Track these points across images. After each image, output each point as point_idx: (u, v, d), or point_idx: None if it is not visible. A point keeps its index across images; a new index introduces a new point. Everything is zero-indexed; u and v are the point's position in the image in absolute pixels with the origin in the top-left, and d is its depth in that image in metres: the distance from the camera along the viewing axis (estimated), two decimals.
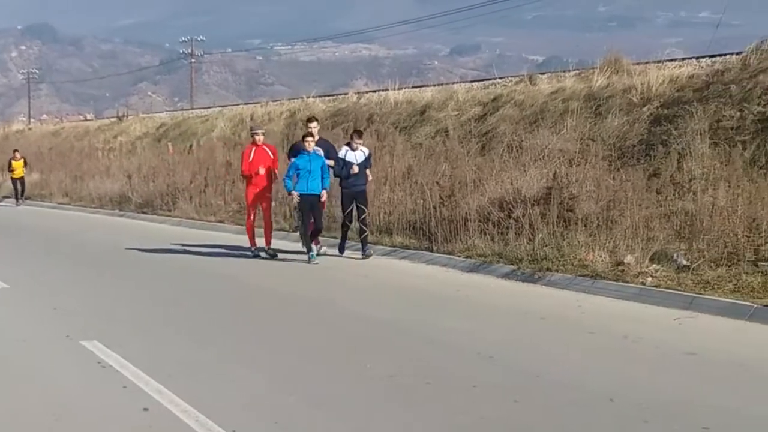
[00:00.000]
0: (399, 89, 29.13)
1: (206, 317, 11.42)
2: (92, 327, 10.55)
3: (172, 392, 7.69)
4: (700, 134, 16.11)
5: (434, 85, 29.56)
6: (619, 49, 23.23)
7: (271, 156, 17.22)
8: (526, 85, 24.33)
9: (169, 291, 13.64)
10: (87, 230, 24.34)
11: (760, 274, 11.46)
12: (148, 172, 31.27)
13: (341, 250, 16.61)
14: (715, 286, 11.35)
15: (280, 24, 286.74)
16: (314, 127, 16.52)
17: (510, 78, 27.01)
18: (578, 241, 13.79)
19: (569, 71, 24.25)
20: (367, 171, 16.34)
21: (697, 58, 22.39)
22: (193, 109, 51.15)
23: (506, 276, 13.63)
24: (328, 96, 34.23)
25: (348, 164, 15.96)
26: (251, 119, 32.66)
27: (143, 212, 28.56)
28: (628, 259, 12.69)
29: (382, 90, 30.30)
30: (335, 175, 16.20)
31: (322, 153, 16.15)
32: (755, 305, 10.34)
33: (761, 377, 7.97)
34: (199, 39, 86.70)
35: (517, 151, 18.15)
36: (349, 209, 16.14)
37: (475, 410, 7.16)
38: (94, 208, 32.43)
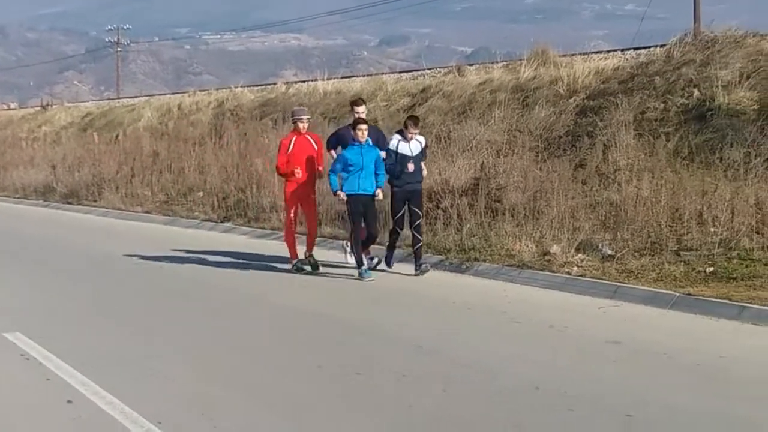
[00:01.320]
0: (328, 79, 29.10)
1: (136, 310, 11.31)
2: (15, 319, 10.39)
3: (97, 384, 7.61)
4: (625, 126, 16.32)
5: (363, 76, 29.55)
6: (547, 41, 23.45)
7: (315, 147, 13.96)
8: (455, 76, 24.44)
9: (97, 283, 13.48)
10: (10, 221, 23.93)
11: (682, 263, 11.66)
12: (73, 162, 30.87)
13: (389, 262, 13.73)
14: (639, 276, 11.53)
15: (208, 13, 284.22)
16: (363, 112, 13.61)
17: (439, 69, 27.13)
18: (505, 231, 13.91)
19: (497, 63, 24.40)
20: (423, 165, 13.65)
21: (622, 50, 22.70)
22: (119, 98, 50.58)
23: (434, 266, 13.68)
24: (257, 86, 34.05)
25: (402, 158, 13.22)
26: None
27: (68, 202, 28.18)
28: (554, 248, 12.83)
29: (311, 80, 30.26)
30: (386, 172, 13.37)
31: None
32: (677, 294, 10.52)
33: (683, 365, 8.11)
34: (125, 27, 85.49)
35: (445, 141, 18.24)
36: (401, 212, 13.36)
37: (403, 400, 7.19)
38: (18, 198, 31.90)
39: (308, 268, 13.78)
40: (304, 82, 31.17)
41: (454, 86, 22.83)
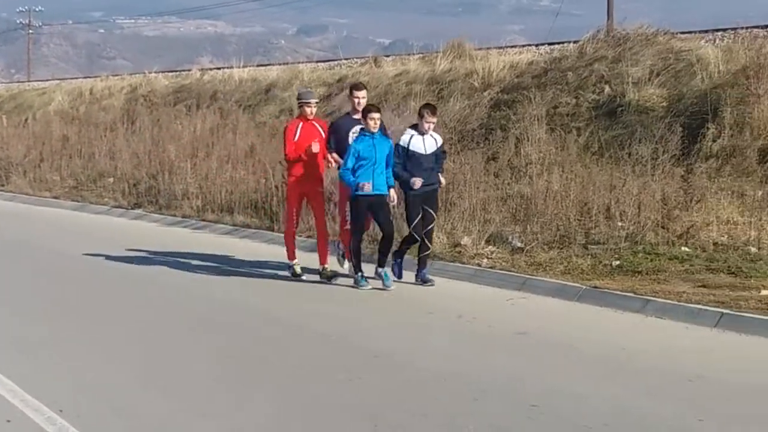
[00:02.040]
0: (244, 67, 28.97)
1: (40, 297, 11.12)
2: None
3: None
4: (538, 120, 16.51)
5: (280, 64, 29.47)
6: (463, 35, 23.61)
7: (323, 134, 12.00)
8: (371, 67, 24.50)
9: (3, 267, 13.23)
10: None
11: (589, 256, 11.84)
12: None
13: (399, 272, 11.85)
14: (547, 268, 11.67)
15: None
16: (363, 97, 11.82)
17: (356, 59, 27.16)
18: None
19: (414, 55, 24.53)
20: (441, 176, 11.82)
21: (536, 45, 22.98)
22: (30, 81, 49.57)
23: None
24: (172, 72, 33.69)
25: (413, 156, 11.37)
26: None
27: None
28: (465, 240, 12.92)
29: (227, 67, 30.06)
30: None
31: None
32: (584, 286, 10.68)
33: (588, 357, 8.24)
34: (37, 9, 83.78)
35: None
36: (419, 217, 11.46)
37: (309, 389, 7.19)
38: None
39: (298, 271, 12.10)
40: (219, 69, 30.95)
41: (371, 77, 22.85)
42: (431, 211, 11.61)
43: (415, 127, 11.54)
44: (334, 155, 11.71)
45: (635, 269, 11.15)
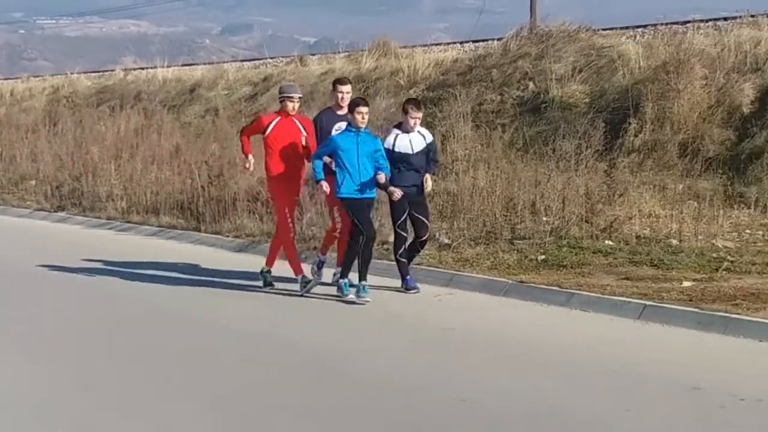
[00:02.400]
0: (168, 67, 28.75)
1: None
2: None
3: None
4: (463, 117, 16.62)
5: (205, 64, 29.31)
6: (388, 33, 23.68)
7: (303, 131, 10.97)
8: (297, 65, 24.47)
9: None
10: None
11: (515, 251, 11.96)
12: None
13: (408, 283, 10.85)
14: (474, 264, 11.75)
15: None
16: (347, 92, 11.00)
17: (281, 58, 27.11)
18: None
19: (339, 53, 24.56)
20: (429, 177, 10.83)
21: (461, 42, 23.14)
22: None
23: None
24: (94, 72, 33.25)
25: (400, 158, 10.57)
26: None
27: None
28: (392, 238, 12.94)
29: (151, 67, 29.80)
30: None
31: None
32: (510, 281, 10.78)
33: (514, 351, 8.32)
34: None
35: None
36: (405, 214, 10.70)
37: (233, 385, 7.16)
38: None
39: (306, 282, 10.93)
40: (143, 69, 30.65)
41: (296, 76, 22.81)
42: (422, 218, 10.74)
43: (399, 126, 10.79)
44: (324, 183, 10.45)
45: (560, 263, 11.29)
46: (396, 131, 10.72)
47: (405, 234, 10.77)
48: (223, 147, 18.54)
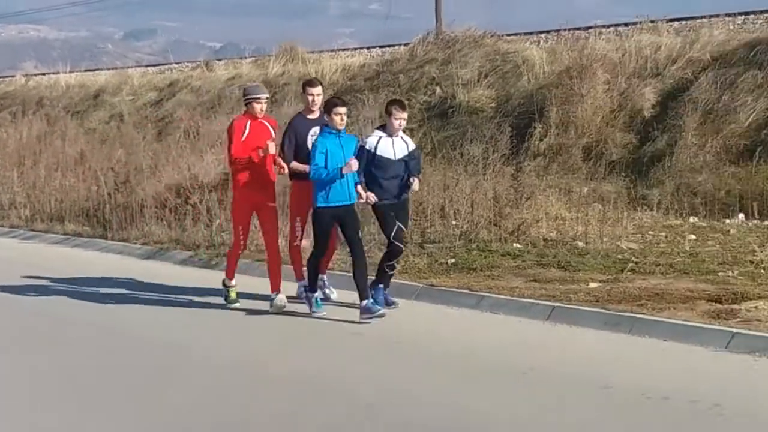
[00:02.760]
0: (71, 72, 28.34)
1: None
2: None
3: None
4: (371, 122, 16.66)
5: (108, 69, 28.97)
6: (295, 38, 23.70)
7: (274, 136, 10.27)
8: (203, 71, 24.35)
9: None
10: None
11: (425, 255, 12.04)
12: None
13: (387, 299, 10.15)
14: None
15: None
16: (318, 94, 10.33)
17: (187, 64, 26.92)
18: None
19: (246, 58, 24.49)
20: (413, 180, 9.88)
21: (368, 48, 23.27)
22: None
23: (183, 262, 13.54)
24: None
25: (379, 162, 9.73)
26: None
27: None
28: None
29: (53, 73, 29.35)
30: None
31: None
32: (421, 285, 10.85)
33: (424, 354, 8.37)
34: None
35: (194, 136, 18.07)
36: (395, 227, 9.87)
37: (152, 395, 7.10)
38: None
39: (234, 296, 10.49)
40: (45, 74, 30.17)
41: (203, 81, 22.71)
42: (401, 225, 9.98)
43: (383, 128, 9.97)
44: (294, 163, 10.05)
45: (470, 266, 11.40)
46: (379, 133, 9.87)
47: (401, 245, 9.98)
48: (129, 153, 18.34)
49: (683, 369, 7.58)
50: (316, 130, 9.99)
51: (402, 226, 9.98)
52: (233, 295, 10.54)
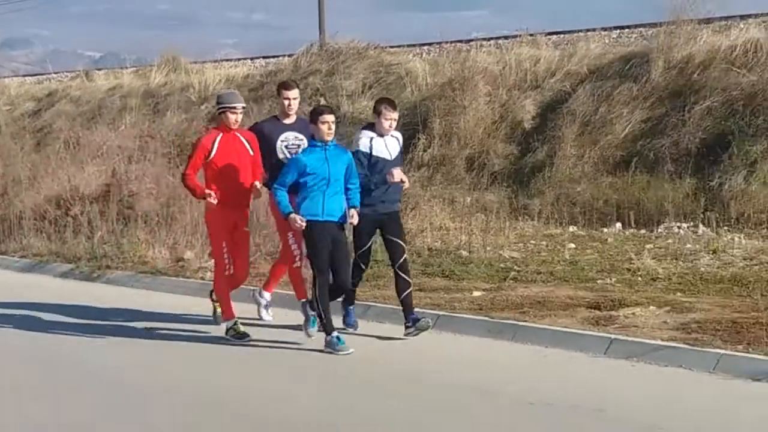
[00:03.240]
0: None
1: None
2: None
3: None
4: None
5: None
6: (177, 48, 23.50)
7: (251, 151, 9.21)
8: (83, 80, 23.95)
9: None
10: None
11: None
12: None
13: (350, 321, 9.53)
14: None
15: None
16: (294, 98, 9.50)
17: (66, 73, 26.43)
18: (138, 238, 13.76)
19: (127, 68, 24.17)
20: (401, 174, 9.03)
21: (251, 59, 23.20)
22: None
23: (64, 275, 13.31)
24: None
25: (378, 163, 8.95)
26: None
27: None
28: (188, 255, 12.88)
29: None
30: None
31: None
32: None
33: (308, 364, 8.39)
34: None
35: (74, 147, 17.76)
36: (369, 244, 9.25)
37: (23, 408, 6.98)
38: None
39: (242, 329, 9.26)
40: None
41: (83, 91, 22.34)
42: (398, 241, 9.14)
43: (370, 127, 9.17)
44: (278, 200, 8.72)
45: None
46: (369, 133, 9.04)
47: (364, 266, 9.33)
48: (6, 164, 17.91)
49: (565, 375, 7.78)
50: (288, 136, 9.35)
51: (400, 242, 9.14)
52: (241, 328, 9.26)
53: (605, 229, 13.32)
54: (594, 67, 16.38)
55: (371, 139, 9.00)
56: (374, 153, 8.93)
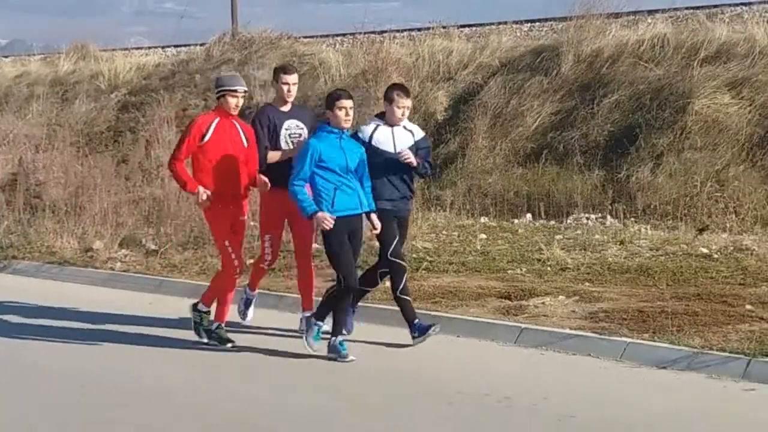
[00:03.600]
0: None
1: None
2: None
3: None
4: (167, 122, 16.50)
5: None
6: (86, 35, 23.12)
7: (245, 141, 8.46)
8: None
9: None
10: None
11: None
12: None
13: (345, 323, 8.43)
14: (183, 269, 11.72)
15: None
16: (294, 83, 8.73)
17: None
18: (46, 228, 13.55)
19: (35, 55, 23.72)
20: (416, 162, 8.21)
21: (163, 47, 22.94)
22: None
23: None
24: None
25: (377, 156, 8.11)
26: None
27: None
28: (97, 245, 12.71)
29: None
30: None
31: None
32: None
33: (221, 354, 8.37)
34: None
35: None
36: (396, 239, 8.33)
37: None
38: None
39: (225, 335, 8.58)
40: None
41: None
42: (401, 235, 8.46)
43: (381, 116, 8.36)
44: (271, 153, 8.44)
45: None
46: (376, 121, 8.30)
47: (401, 262, 8.36)
48: None
49: (476, 364, 7.89)
50: (290, 125, 8.65)
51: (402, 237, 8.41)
52: (224, 333, 8.60)
53: (516, 220, 13.48)
54: (505, 60, 16.54)
55: (376, 128, 8.21)
56: (373, 142, 8.11)
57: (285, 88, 8.62)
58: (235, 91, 8.32)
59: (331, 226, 7.65)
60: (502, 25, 18.51)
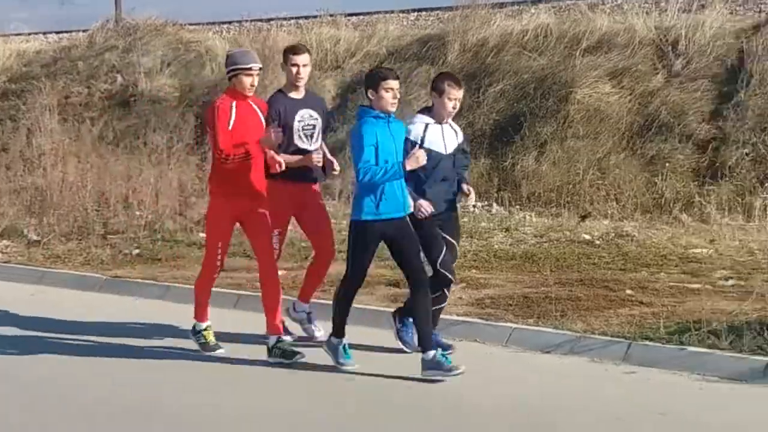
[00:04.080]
0: None
1: None
2: None
3: None
4: (49, 110, 16.17)
5: None
6: None
7: (263, 122, 7.66)
8: None
9: None
10: None
11: (109, 246, 11.87)
12: None
13: (408, 338, 7.74)
14: (66, 260, 11.53)
15: None
16: (304, 64, 7.93)
17: None
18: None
19: None
20: (467, 189, 7.59)
21: (44, 33, 22.42)
22: None
23: None
24: None
25: (429, 158, 7.15)
26: None
27: None
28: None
29: None
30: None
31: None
32: (105, 277, 10.68)
33: (113, 344, 8.27)
34: None
35: None
36: (444, 250, 7.39)
37: None
38: None
39: (212, 339, 7.97)
40: None
41: None
42: (453, 241, 7.61)
43: (427, 111, 7.61)
44: (284, 156, 7.56)
45: (155, 257, 11.36)
46: (425, 119, 7.45)
47: (450, 276, 7.50)
48: None
49: (364, 352, 7.91)
50: (303, 115, 7.93)
51: (455, 243, 7.64)
52: (211, 338, 8.00)
53: None
54: (393, 49, 16.62)
55: (426, 127, 7.37)
56: (426, 145, 7.25)
57: (294, 69, 7.84)
58: (250, 69, 7.47)
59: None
60: (389, 14, 18.58)
